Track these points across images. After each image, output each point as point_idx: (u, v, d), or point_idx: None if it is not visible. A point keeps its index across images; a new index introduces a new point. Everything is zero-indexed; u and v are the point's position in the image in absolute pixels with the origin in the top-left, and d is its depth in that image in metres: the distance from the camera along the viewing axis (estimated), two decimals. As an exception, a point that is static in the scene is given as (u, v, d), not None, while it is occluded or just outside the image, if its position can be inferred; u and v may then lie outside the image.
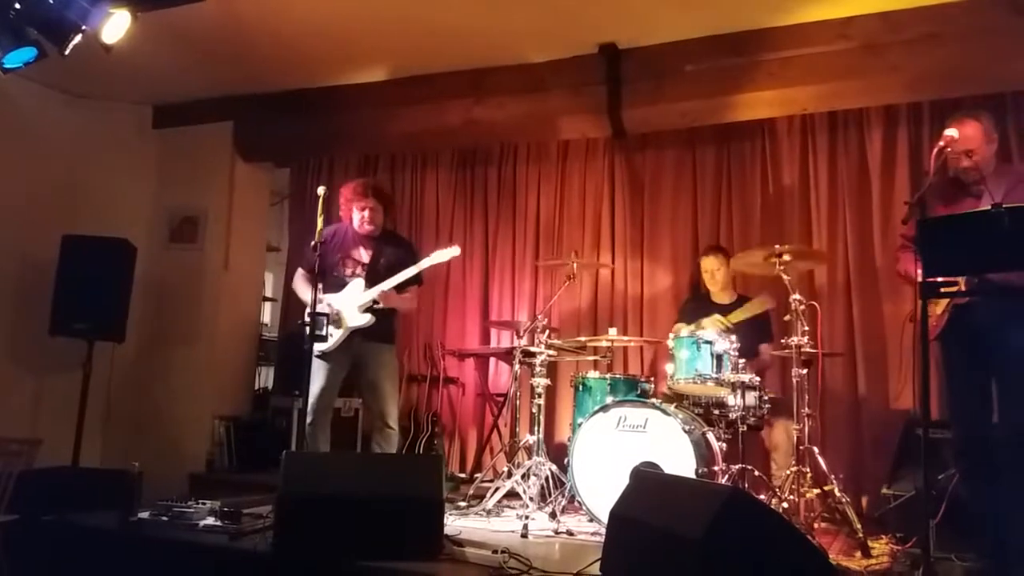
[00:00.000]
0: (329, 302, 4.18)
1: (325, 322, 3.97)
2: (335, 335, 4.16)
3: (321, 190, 3.94)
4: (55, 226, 5.23)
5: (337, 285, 4.26)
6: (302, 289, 4.37)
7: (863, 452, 4.59)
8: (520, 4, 4.39)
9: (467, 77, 5.20)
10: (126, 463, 3.73)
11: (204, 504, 3.50)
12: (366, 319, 4.17)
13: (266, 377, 6.55)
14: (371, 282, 4.22)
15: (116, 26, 3.65)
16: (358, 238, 4.37)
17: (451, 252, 4.33)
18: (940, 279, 2.69)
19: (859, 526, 3.51)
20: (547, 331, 4.38)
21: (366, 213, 4.30)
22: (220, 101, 5.85)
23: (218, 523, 3.37)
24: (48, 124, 5.66)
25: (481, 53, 5.01)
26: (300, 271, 4.49)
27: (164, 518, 3.41)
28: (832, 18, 4.35)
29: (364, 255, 4.35)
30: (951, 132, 3.10)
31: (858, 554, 3.41)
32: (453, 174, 5.98)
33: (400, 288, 4.25)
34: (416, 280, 4.33)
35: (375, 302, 4.20)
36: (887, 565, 3.26)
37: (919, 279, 2.65)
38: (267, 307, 7.10)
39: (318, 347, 4.13)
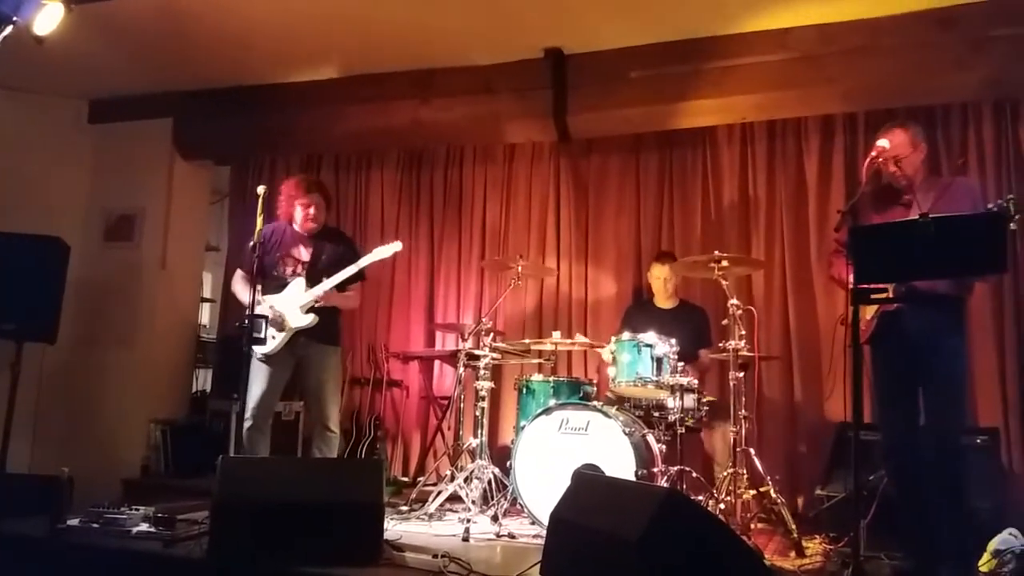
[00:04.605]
0: (271, 303, 4.09)
1: (264, 324, 3.90)
2: (278, 338, 4.07)
3: (261, 189, 3.88)
4: (-17, 223, 5.04)
5: (278, 286, 4.17)
6: (240, 291, 4.28)
7: (798, 454, 4.70)
8: (465, 5, 4.39)
9: (414, 77, 5.18)
10: (56, 468, 3.61)
11: (137, 510, 3.40)
12: (309, 319, 4.08)
13: (204, 379, 6.42)
14: (312, 281, 4.13)
15: (49, 18, 3.58)
16: (297, 236, 4.29)
17: (393, 248, 4.23)
18: (870, 285, 2.76)
19: (794, 526, 3.60)
20: (492, 334, 4.39)
21: (311, 211, 4.22)
22: (159, 97, 5.71)
23: (152, 530, 3.29)
24: (-23, 117, 5.47)
25: (428, 53, 4.99)
26: (239, 272, 4.39)
27: (95, 525, 3.31)
28: (771, 28, 4.46)
29: (304, 253, 4.26)
30: (882, 143, 3.20)
31: (792, 554, 3.50)
32: (399, 175, 5.95)
33: (342, 286, 4.18)
34: (358, 276, 4.25)
35: (317, 301, 4.12)
36: (820, 564, 3.35)
37: (850, 285, 2.73)
38: (205, 308, 6.96)
39: (260, 350, 4.04)
